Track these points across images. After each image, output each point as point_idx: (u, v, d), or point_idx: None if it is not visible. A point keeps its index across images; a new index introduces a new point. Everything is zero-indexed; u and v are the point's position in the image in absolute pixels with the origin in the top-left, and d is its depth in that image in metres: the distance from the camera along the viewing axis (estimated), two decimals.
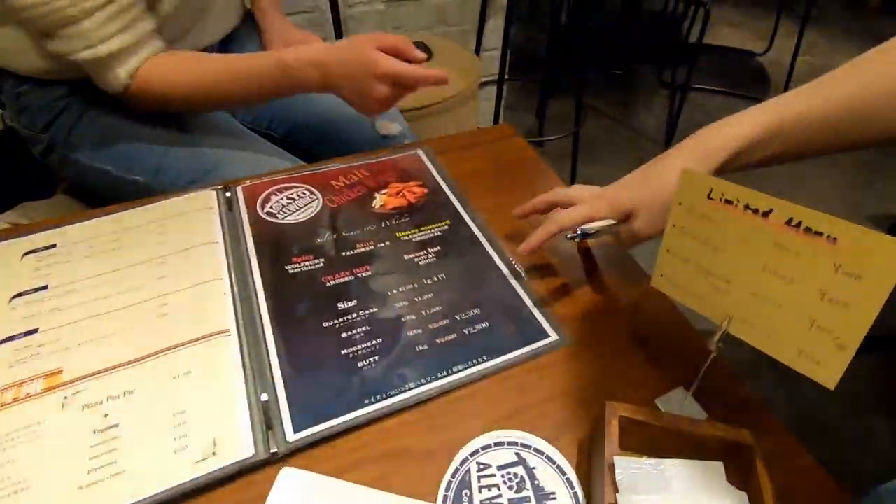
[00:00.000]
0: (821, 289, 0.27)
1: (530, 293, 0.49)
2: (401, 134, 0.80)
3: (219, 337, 0.43)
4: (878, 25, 2.92)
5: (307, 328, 0.44)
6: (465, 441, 0.38)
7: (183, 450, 0.36)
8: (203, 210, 0.55)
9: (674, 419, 0.35)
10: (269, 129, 0.82)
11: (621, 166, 0.48)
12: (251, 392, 0.39)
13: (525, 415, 0.40)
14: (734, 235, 0.30)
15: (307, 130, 0.80)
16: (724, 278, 0.32)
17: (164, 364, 0.41)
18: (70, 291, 0.46)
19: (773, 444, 0.37)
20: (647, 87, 2.33)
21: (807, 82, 0.43)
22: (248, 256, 0.50)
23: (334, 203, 0.58)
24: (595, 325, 0.47)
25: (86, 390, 0.39)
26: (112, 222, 0.53)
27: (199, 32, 0.70)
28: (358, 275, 0.49)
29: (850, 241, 0.25)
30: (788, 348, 0.29)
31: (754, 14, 2.97)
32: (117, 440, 0.36)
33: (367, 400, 0.40)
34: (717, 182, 0.31)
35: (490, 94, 1.67)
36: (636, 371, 0.43)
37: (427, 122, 1.09)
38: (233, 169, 0.64)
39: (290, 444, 0.37)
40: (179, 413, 0.38)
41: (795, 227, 0.27)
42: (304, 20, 1.37)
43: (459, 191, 0.60)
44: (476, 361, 0.43)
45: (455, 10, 1.52)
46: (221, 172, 0.64)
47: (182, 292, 0.46)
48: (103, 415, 0.38)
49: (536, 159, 0.66)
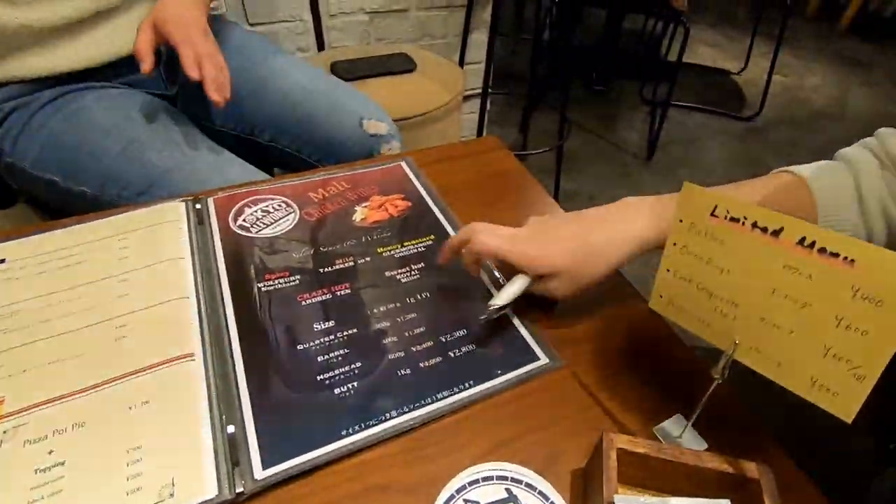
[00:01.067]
0: (837, 314, 0.25)
1: (518, 314, 0.46)
2: (389, 133, 0.78)
3: (182, 362, 0.39)
4: (846, 47, 3.03)
5: (280, 351, 0.41)
6: (450, 475, 0.35)
7: (136, 491, 0.32)
8: (170, 223, 0.51)
9: (675, 451, 0.32)
10: (253, 135, 0.79)
11: (604, 179, 0.46)
12: (216, 424, 0.36)
13: (515, 445, 0.37)
14: (741, 256, 0.28)
15: (292, 134, 0.77)
16: (729, 301, 0.30)
17: (119, 393, 0.37)
18: (16, 312, 0.42)
19: (778, 476, 0.35)
20: (629, 103, 2.36)
21: (780, 101, 0.43)
22: (217, 273, 0.47)
23: (312, 216, 0.54)
24: (587, 347, 0.44)
25: (29, 423, 0.35)
26: (69, 236, 0.49)
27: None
28: (336, 293, 0.46)
29: (870, 264, 0.23)
30: (801, 378, 0.27)
31: (730, 34, 3.05)
32: (62, 480, 0.32)
33: (345, 431, 0.37)
34: (721, 198, 0.29)
35: (473, 107, 1.67)
36: (631, 396, 0.41)
37: (410, 133, 1.07)
38: (182, 181, 0.61)
39: (259, 483, 0.33)
40: (134, 449, 0.34)
41: (808, 248, 0.25)
42: (285, 30, 1.34)
43: (444, 204, 0.57)
44: (462, 387, 0.40)
45: (439, 22, 1.52)
46: (168, 184, 0.61)
47: (143, 312, 0.43)
48: (48, 451, 0.34)
49: (523, 172, 0.65)
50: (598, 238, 0.42)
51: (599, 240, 0.42)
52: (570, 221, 0.44)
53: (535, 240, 0.43)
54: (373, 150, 0.76)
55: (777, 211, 0.31)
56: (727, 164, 2.01)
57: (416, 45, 1.48)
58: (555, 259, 0.42)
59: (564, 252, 0.42)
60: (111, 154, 0.62)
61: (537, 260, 0.42)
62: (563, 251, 0.42)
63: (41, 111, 0.63)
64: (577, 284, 0.42)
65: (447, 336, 0.44)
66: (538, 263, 0.42)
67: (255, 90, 0.77)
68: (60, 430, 0.35)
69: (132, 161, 0.62)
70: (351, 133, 0.75)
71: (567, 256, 0.42)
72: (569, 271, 0.42)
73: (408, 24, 1.48)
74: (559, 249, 0.42)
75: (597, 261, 0.42)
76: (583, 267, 0.42)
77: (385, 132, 0.77)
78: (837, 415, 0.26)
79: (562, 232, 0.43)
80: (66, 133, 0.62)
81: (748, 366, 0.30)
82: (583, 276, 0.42)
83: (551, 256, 0.42)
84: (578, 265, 0.42)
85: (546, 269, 0.42)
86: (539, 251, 0.42)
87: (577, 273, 0.42)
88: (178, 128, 0.68)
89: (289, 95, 0.77)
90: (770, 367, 0.29)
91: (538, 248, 0.42)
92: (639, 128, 2.17)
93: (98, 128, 0.63)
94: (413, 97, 1.10)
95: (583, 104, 2.30)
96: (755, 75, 2.57)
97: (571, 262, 0.42)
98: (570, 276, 0.42)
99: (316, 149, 0.77)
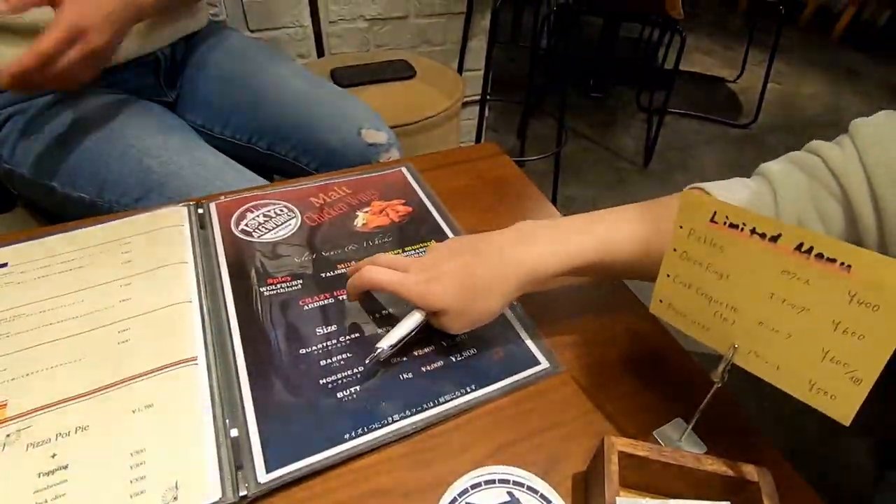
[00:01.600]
0: (834, 319, 0.25)
1: (520, 318, 0.47)
2: (388, 142, 0.78)
3: (185, 366, 0.39)
4: (839, 56, 3.06)
5: (283, 356, 0.41)
6: (453, 478, 0.35)
7: (140, 494, 0.32)
8: (173, 227, 0.51)
9: (676, 454, 0.33)
10: (251, 143, 0.79)
11: (601, 186, 0.47)
12: (220, 427, 0.36)
13: (516, 449, 0.38)
14: (740, 261, 0.29)
15: (291, 142, 0.78)
16: (729, 306, 0.30)
17: (122, 396, 0.37)
18: (19, 315, 0.42)
19: (776, 479, 0.36)
20: (625, 110, 2.38)
21: (775, 109, 0.43)
22: (220, 278, 0.47)
23: (314, 221, 0.55)
24: (587, 351, 0.45)
25: (32, 427, 0.35)
26: (71, 240, 0.49)
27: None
28: (339, 297, 0.47)
29: (866, 269, 0.24)
30: (799, 381, 0.28)
31: (725, 43, 3.08)
32: (65, 484, 0.32)
33: (348, 435, 0.37)
34: (720, 205, 0.29)
35: (471, 114, 1.68)
36: (631, 400, 0.41)
37: (410, 139, 1.08)
38: (181, 187, 0.61)
39: (262, 486, 0.33)
40: (138, 452, 0.34)
41: (806, 254, 0.26)
42: (285, 36, 1.35)
43: (444, 209, 0.58)
44: (464, 391, 0.40)
45: (438, 29, 1.53)
46: (167, 190, 0.61)
47: (146, 316, 0.43)
48: (51, 455, 0.34)
49: (522, 178, 0.65)
50: (486, 272, 0.40)
51: (486, 274, 0.40)
52: (460, 254, 0.41)
53: (424, 274, 0.41)
54: (371, 159, 0.77)
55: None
56: (723, 171, 2.02)
57: (415, 52, 1.49)
58: (440, 297, 0.39)
59: (449, 289, 0.39)
60: (109, 160, 0.62)
61: (424, 297, 0.40)
62: (448, 288, 0.39)
63: (40, 117, 0.63)
64: (467, 320, 0.41)
65: (448, 341, 0.44)
66: (425, 301, 0.40)
67: (255, 98, 0.78)
68: (64, 433, 0.35)
69: (131, 167, 0.62)
70: (349, 142, 0.76)
71: (451, 294, 0.39)
72: (455, 309, 0.40)
73: (407, 31, 1.49)
74: (444, 286, 0.40)
75: (485, 296, 0.40)
76: (471, 304, 0.40)
77: (384, 141, 0.77)
78: (835, 417, 0.27)
79: (449, 266, 0.40)
80: (65, 139, 0.62)
81: (747, 370, 0.31)
82: (471, 312, 0.40)
83: (436, 294, 0.39)
84: (465, 302, 0.40)
85: (433, 306, 0.40)
86: (425, 288, 0.40)
87: (464, 310, 0.40)
88: (177, 134, 0.68)
89: (288, 103, 0.77)
90: (769, 371, 0.30)
91: (425, 285, 0.40)
92: (635, 134, 2.19)
93: (97, 133, 0.63)
94: (413, 103, 1.11)
95: (580, 111, 2.31)
96: (750, 83, 2.59)
97: (456, 299, 0.39)
98: (458, 313, 0.40)
99: (314, 157, 0.77)
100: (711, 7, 3.69)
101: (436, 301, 0.40)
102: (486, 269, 0.40)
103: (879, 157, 0.34)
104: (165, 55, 0.74)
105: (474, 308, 0.40)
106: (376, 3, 1.40)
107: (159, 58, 0.73)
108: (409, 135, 1.07)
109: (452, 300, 0.39)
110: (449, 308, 0.40)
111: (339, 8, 1.37)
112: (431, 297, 0.40)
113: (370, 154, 0.77)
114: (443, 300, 0.39)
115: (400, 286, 0.40)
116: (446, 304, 0.39)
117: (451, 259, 0.41)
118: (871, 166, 0.35)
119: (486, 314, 0.41)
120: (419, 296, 0.40)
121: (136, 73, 0.72)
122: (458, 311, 0.40)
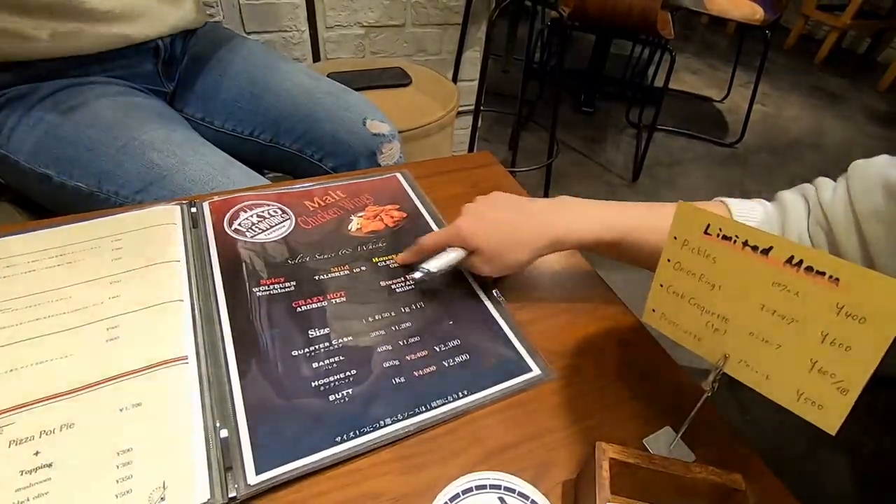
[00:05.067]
0: (822, 330, 0.26)
1: (512, 325, 0.47)
2: (390, 133, 0.80)
3: (175, 365, 0.39)
4: (822, 80, 3.15)
5: (275, 357, 0.41)
6: (443, 484, 0.35)
7: (126, 494, 0.31)
8: (165, 225, 0.51)
9: (665, 462, 0.33)
10: (253, 136, 0.79)
11: (590, 198, 0.48)
12: (209, 428, 0.35)
13: (507, 455, 0.38)
14: (732, 272, 0.30)
15: (295, 134, 0.78)
16: (720, 316, 0.31)
17: (110, 394, 0.36)
18: (5, 310, 0.41)
19: (761, 489, 0.36)
20: (615, 126, 2.42)
21: (760, 129, 0.46)
22: (212, 277, 0.47)
23: (308, 224, 0.55)
24: (578, 359, 0.45)
25: (16, 423, 0.34)
26: (61, 235, 0.49)
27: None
28: (332, 300, 0.47)
29: (853, 283, 0.25)
30: (787, 391, 0.28)
31: (712, 63, 3.16)
32: (48, 483, 0.32)
33: (339, 438, 0.37)
34: (714, 217, 0.30)
35: (464, 123, 1.69)
36: (621, 409, 0.42)
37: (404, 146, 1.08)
38: (183, 181, 0.61)
39: (252, 488, 0.33)
40: (125, 451, 0.33)
41: (796, 266, 0.27)
42: (282, 39, 1.35)
43: (439, 216, 0.58)
44: (456, 396, 0.41)
45: (434, 39, 1.54)
46: (170, 184, 0.61)
47: (136, 314, 0.42)
48: (34, 452, 0.33)
49: (516, 187, 0.66)
50: (522, 228, 0.46)
51: (523, 229, 0.46)
52: (505, 208, 0.48)
53: (469, 216, 0.47)
54: (375, 149, 0.78)
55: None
56: (709, 188, 2.06)
57: (412, 61, 1.50)
58: (479, 239, 0.46)
59: (491, 234, 0.46)
60: (111, 151, 0.61)
61: (462, 235, 0.46)
62: (489, 233, 0.46)
63: (40, 104, 0.62)
64: (498, 265, 0.46)
65: (441, 346, 0.44)
66: (462, 238, 0.46)
67: (259, 91, 0.78)
68: (48, 431, 0.34)
69: (132, 159, 0.61)
70: (354, 132, 0.77)
71: (492, 239, 0.46)
72: (490, 251, 0.46)
73: (403, 39, 1.50)
74: (487, 231, 0.46)
75: (517, 248, 0.46)
76: (504, 251, 0.46)
77: (387, 132, 0.79)
78: (822, 427, 0.27)
79: (493, 215, 0.47)
80: (65, 127, 0.62)
81: (737, 379, 0.31)
82: (503, 258, 0.46)
83: (476, 236, 0.46)
84: (500, 249, 0.46)
85: (473, 244, 0.46)
86: (467, 228, 0.46)
87: (497, 255, 0.46)
88: (179, 129, 0.68)
89: (293, 96, 0.78)
90: (758, 381, 0.30)
91: (468, 225, 0.46)
92: (624, 150, 2.22)
93: (98, 124, 0.62)
94: (408, 110, 1.12)
95: (571, 125, 2.35)
96: (736, 104, 2.66)
97: (492, 243, 0.46)
98: (491, 256, 0.46)
99: (318, 148, 0.78)
100: (700, 29, 3.79)
101: (477, 241, 0.46)
102: (524, 226, 0.46)
103: (869, 206, 0.39)
104: (166, 45, 0.74)
105: (506, 256, 0.46)
106: (374, 10, 1.41)
107: (160, 46, 0.73)
108: (403, 141, 1.07)
109: (489, 243, 0.46)
110: (485, 249, 0.46)
111: (336, 14, 1.38)
112: (474, 237, 0.46)
113: (374, 144, 0.78)
114: (482, 241, 0.46)
115: (453, 228, 0.47)
116: (483, 245, 0.46)
117: (496, 210, 0.48)
118: (861, 213, 0.39)
119: (515, 263, 0.46)
120: (457, 231, 0.46)
121: (136, 59, 0.71)
122: (492, 254, 0.46)
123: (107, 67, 0.69)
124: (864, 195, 0.39)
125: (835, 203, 0.41)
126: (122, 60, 0.70)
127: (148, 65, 0.74)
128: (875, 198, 0.38)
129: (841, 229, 0.39)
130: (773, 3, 2.08)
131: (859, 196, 0.39)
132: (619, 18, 1.73)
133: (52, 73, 0.65)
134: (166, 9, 0.73)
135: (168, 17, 0.73)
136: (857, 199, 0.39)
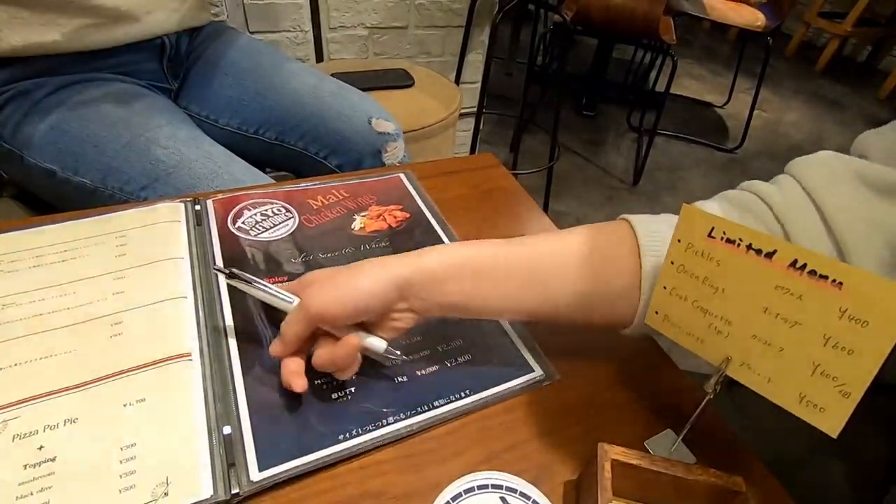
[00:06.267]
0: (825, 334, 0.26)
1: (515, 326, 0.47)
2: (395, 132, 0.80)
3: (179, 361, 0.39)
4: (822, 87, 3.17)
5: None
6: (445, 483, 0.35)
7: (129, 489, 0.32)
8: (169, 223, 0.51)
9: (667, 463, 0.33)
10: (257, 134, 0.80)
11: (591, 202, 0.47)
12: (212, 424, 0.36)
13: (509, 455, 0.38)
14: (735, 275, 0.30)
15: (300, 132, 0.79)
16: (723, 319, 0.31)
17: (114, 390, 0.36)
18: (9, 305, 0.41)
19: (761, 492, 0.37)
20: (616, 130, 2.42)
21: (760, 135, 0.44)
22: (215, 275, 0.47)
23: (311, 223, 0.55)
24: (581, 362, 0.45)
25: (19, 418, 0.34)
26: (65, 231, 0.49)
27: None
28: None
29: (857, 286, 0.25)
30: (790, 394, 0.29)
31: (714, 69, 3.17)
32: (52, 477, 0.32)
33: (341, 436, 0.37)
34: (718, 220, 0.30)
35: (466, 125, 1.69)
36: (623, 411, 0.42)
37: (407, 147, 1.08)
38: (188, 179, 0.61)
39: (255, 485, 0.33)
40: (128, 447, 0.34)
41: (800, 270, 0.27)
42: (286, 40, 1.36)
43: (442, 217, 0.58)
44: (458, 396, 0.41)
45: (437, 41, 1.55)
46: (174, 180, 0.61)
47: (139, 310, 0.42)
48: (38, 447, 0.33)
49: (518, 189, 0.66)
50: (359, 265, 0.39)
51: (359, 265, 0.39)
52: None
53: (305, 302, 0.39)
54: (380, 147, 0.78)
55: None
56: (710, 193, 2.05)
57: (415, 62, 1.51)
58: (310, 275, 0.41)
59: (319, 272, 0.41)
60: (116, 147, 0.62)
61: (298, 282, 0.41)
62: (319, 272, 0.41)
63: (45, 100, 0.62)
64: (330, 294, 0.38)
65: (444, 346, 0.44)
66: (299, 283, 0.41)
67: (264, 89, 0.78)
68: (52, 425, 0.34)
69: (138, 155, 0.62)
70: (360, 130, 0.78)
71: (321, 273, 0.40)
72: (320, 279, 0.40)
73: (406, 41, 1.51)
74: (316, 272, 0.41)
75: (353, 273, 0.39)
76: (336, 275, 0.39)
77: (392, 131, 0.80)
78: (824, 430, 0.27)
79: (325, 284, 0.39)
80: (71, 123, 0.62)
81: (740, 381, 0.31)
82: (336, 285, 0.38)
83: (306, 276, 0.41)
84: (331, 275, 0.40)
85: (303, 280, 0.41)
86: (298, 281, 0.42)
87: (329, 281, 0.39)
88: (184, 126, 0.68)
89: (298, 94, 0.78)
90: (760, 384, 0.30)
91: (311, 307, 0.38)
92: (625, 154, 2.23)
93: (104, 120, 0.63)
94: (411, 111, 1.12)
95: (572, 128, 2.35)
96: (737, 109, 2.67)
97: (323, 274, 0.40)
98: (322, 283, 0.39)
99: (323, 146, 0.79)
100: (702, 34, 3.80)
101: (305, 277, 0.41)
102: (360, 264, 0.39)
103: (835, 199, 0.35)
104: (171, 42, 0.75)
105: (338, 279, 0.38)
106: (377, 12, 1.41)
107: (165, 43, 0.74)
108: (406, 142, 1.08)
109: (319, 274, 0.40)
110: (314, 279, 0.40)
111: (339, 14, 1.38)
112: (304, 278, 0.41)
113: (380, 142, 0.79)
114: (311, 275, 0.41)
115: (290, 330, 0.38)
116: (314, 277, 0.40)
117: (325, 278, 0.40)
118: (826, 206, 0.36)
119: (352, 289, 0.37)
120: (305, 318, 0.38)
121: (142, 56, 0.72)
122: (323, 280, 0.39)
123: (112, 64, 0.69)
124: (826, 189, 0.36)
125: (788, 203, 0.37)
126: (127, 57, 0.70)
127: (153, 62, 0.74)
128: (843, 189, 0.35)
129: (799, 228, 0.36)
130: (774, 10, 2.09)
131: (820, 191, 0.36)
132: (622, 23, 1.73)
133: (58, 68, 0.65)
134: (172, 6, 0.73)
135: (174, 14, 0.73)
136: (818, 194, 0.36)
